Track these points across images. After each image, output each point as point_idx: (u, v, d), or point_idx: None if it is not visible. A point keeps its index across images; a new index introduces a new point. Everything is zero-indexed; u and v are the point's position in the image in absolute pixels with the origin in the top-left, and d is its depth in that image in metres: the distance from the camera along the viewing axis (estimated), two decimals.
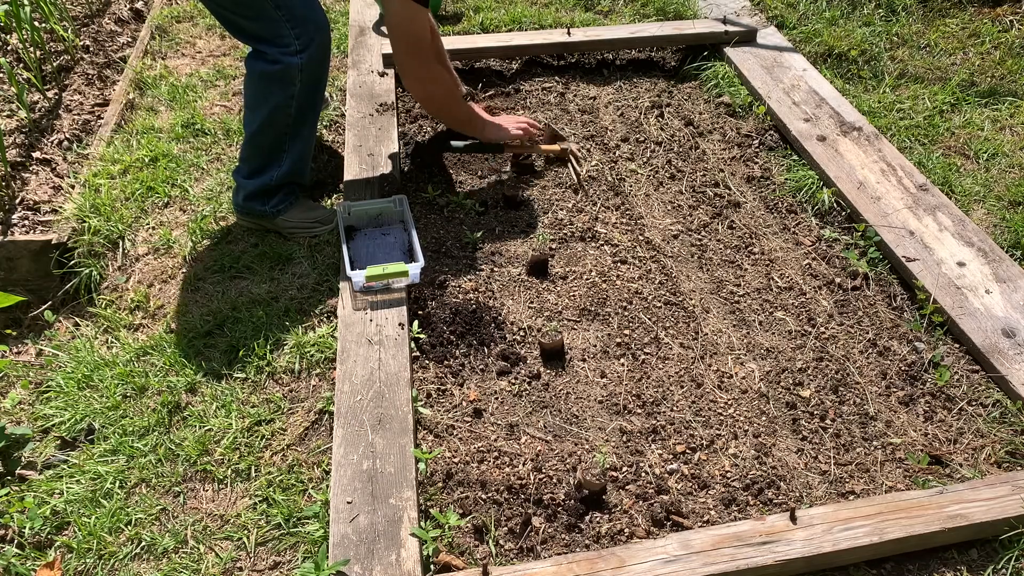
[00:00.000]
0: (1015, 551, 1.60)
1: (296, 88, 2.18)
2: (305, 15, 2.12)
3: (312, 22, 2.15)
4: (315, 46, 2.16)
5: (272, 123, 2.22)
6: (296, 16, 2.09)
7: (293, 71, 2.15)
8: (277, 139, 2.26)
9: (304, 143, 2.33)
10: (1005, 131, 2.94)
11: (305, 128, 2.30)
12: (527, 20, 3.59)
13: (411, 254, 2.23)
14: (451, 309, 2.14)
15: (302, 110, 2.24)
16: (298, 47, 2.13)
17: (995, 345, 1.99)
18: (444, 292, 2.21)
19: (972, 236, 2.32)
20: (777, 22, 3.58)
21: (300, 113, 2.24)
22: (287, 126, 2.24)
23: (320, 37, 2.17)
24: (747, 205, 2.60)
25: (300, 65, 2.14)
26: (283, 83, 2.16)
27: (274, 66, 2.14)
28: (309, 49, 2.15)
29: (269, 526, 1.70)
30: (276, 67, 2.14)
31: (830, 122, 2.83)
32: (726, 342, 2.11)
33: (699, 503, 1.73)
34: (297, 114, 2.23)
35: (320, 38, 2.18)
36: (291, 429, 1.90)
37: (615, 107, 3.08)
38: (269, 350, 2.08)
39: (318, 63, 2.21)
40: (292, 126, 2.25)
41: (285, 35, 2.11)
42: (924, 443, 1.85)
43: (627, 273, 2.33)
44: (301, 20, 2.11)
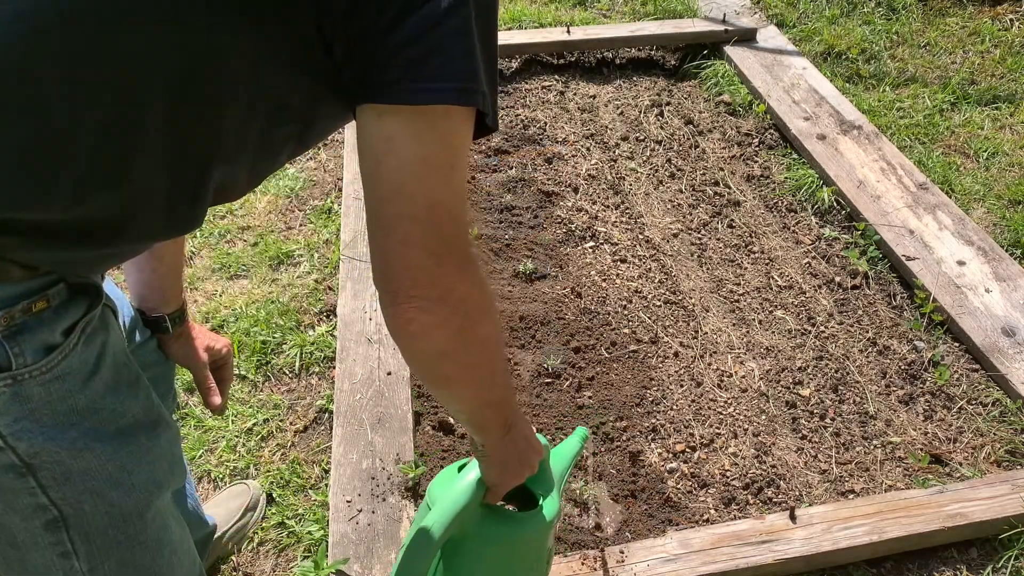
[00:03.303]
0: (1015, 550, 1.59)
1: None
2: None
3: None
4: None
5: None
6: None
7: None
8: None
9: None
10: (1005, 130, 2.94)
11: None
12: (527, 19, 3.58)
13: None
14: None
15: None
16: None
17: (995, 344, 1.99)
18: None
19: (972, 235, 2.32)
20: (777, 21, 3.58)
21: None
22: None
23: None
24: (747, 204, 2.60)
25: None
26: None
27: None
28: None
29: (269, 525, 1.70)
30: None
31: (830, 121, 2.83)
32: (726, 341, 2.11)
33: (699, 502, 1.73)
34: None
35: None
36: (290, 428, 1.90)
37: (615, 106, 3.08)
38: (268, 349, 2.07)
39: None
40: None
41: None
42: (924, 442, 1.85)
43: (627, 272, 2.32)
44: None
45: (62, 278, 0.76)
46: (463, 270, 0.76)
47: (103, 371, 0.79)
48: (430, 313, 0.74)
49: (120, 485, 0.81)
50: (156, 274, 1.12)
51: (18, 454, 0.74)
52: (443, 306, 0.74)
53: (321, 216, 2.56)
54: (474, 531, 1.05)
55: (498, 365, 0.88)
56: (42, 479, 0.76)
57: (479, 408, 0.90)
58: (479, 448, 0.96)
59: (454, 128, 0.72)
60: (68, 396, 0.76)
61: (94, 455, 0.78)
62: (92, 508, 0.80)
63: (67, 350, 0.76)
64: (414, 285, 0.73)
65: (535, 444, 1.03)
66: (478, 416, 0.91)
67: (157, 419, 0.87)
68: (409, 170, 0.70)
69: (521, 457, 1.00)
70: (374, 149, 0.71)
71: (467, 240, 0.77)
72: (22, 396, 0.73)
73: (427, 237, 0.72)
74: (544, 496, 1.12)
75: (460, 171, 0.73)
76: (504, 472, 0.99)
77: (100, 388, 0.79)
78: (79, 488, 0.78)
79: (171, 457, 0.89)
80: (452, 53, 0.69)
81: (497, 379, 0.89)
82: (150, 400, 0.87)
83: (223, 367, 1.25)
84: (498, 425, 0.94)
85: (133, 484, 0.83)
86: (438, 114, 0.70)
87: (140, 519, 0.85)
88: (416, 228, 0.71)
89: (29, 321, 0.73)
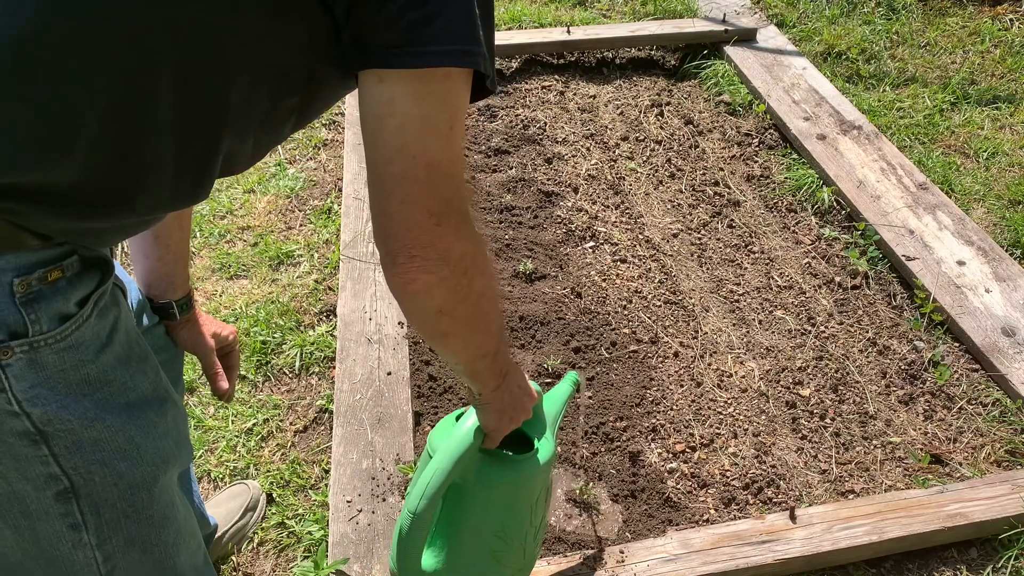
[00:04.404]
0: (1015, 550, 1.59)
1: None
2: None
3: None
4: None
5: None
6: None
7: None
8: None
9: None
10: (1005, 130, 2.94)
11: None
12: (527, 18, 3.58)
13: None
14: None
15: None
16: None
17: (995, 344, 1.99)
18: None
19: (972, 235, 2.32)
20: (777, 21, 3.58)
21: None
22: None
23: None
24: (747, 204, 2.60)
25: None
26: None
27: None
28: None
29: (269, 525, 1.70)
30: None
31: (830, 121, 2.83)
32: (726, 341, 2.11)
33: (699, 502, 1.73)
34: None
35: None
36: (290, 428, 1.90)
37: (615, 106, 3.08)
38: (268, 349, 2.07)
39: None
40: None
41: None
42: (924, 442, 1.85)
43: (627, 272, 2.32)
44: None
45: (75, 250, 0.77)
46: (462, 229, 0.78)
47: (115, 344, 0.81)
48: (430, 272, 0.76)
49: (128, 457, 0.83)
50: (162, 262, 1.14)
51: (32, 421, 0.76)
52: (443, 265, 0.76)
53: (321, 216, 2.56)
54: (474, 476, 1.10)
55: (494, 317, 0.90)
56: (55, 447, 0.77)
57: (476, 359, 0.93)
58: (476, 397, 1.00)
59: (454, 90, 0.73)
60: (81, 365, 0.78)
61: (104, 426, 0.80)
62: (101, 479, 0.81)
63: (80, 320, 0.77)
64: (415, 245, 0.75)
65: (529, 390, 1.08)
66: (475, 366, 0.94)
67: (164, 396, 0.89)
68: (410, 132, 0.72)
69: (516, 403, 1.05)
70: (376, 112, 0.72)
71: (465, 200, 0.79)
72: (38, 363, 0.75)
73: (427, 197, 0.74)
74: (539, 439, 1.18)
75: (458, 132, 0.75)
76: (501, 418, 1.04)
77: (111, 360, 0.81)
78: (89, 458, 0.80)
79: (177, 435, 0.91)
80: (453, 16, 0.70)
81: (493, 331, 0.91)
82: (158, 378, 0.88)
83: (230, 354, 1.28)
84: (494, 374, 0.97)
85: (141, 457, 0.84)
86: (439, 76, 0.71)
87: (147, 492, 0.86)
88: (417, 188, 0.73)
89: (45, 290, 0.75)
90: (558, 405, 1.29)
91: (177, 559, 0.94)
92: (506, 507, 1.16)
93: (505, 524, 1.16)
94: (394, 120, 0.72)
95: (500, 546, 1.17)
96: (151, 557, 0.90)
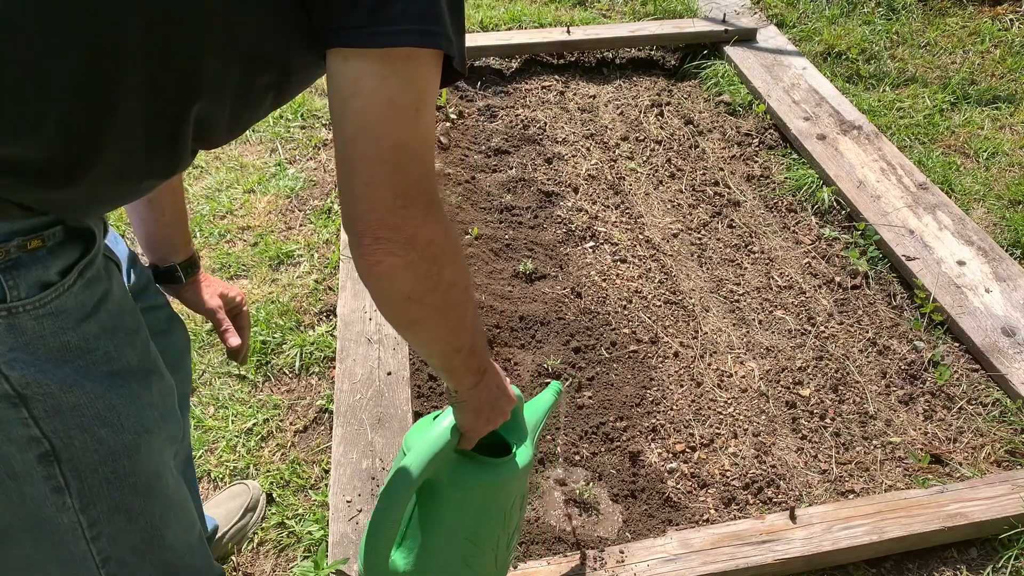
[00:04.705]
0: (1015, 550, 1.59)
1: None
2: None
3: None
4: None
5: None
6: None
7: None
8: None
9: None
10: (1005, 130, 2.94)
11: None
12: (527, 18, 3.59)
13: None
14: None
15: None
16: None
17: (995, 344, 1.99)
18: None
19: (972, 235, 2.32)
20: (777, 21, 3.58)
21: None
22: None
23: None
24: (747, 204, 2.60)
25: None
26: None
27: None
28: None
29: (269, 525, 1.70)
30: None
31: (830, 121, 2.83)
32: (726, 341, 2.11)
33: (699, 502, 1.73)
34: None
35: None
36: (290, 428, 1.90)
37: (615, 106, 3.08)
38: (268, 349, 2.07)
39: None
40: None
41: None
42: (924, 442, 1.85)
43: (627, 272, 2.32)
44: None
45: (60, 221, 0.79)
46: (428, 214, 0.77)
47: (101, 315, 0.83)
48: (396, 256, 0.75)
49: (109, 424, 0.83)
50: (160, 224, 1.16)
51: (11, 383, 0.77)
52: (410, 249, 0.76)
53: (321, 216, 2.56)
54: (448, 477, 1.08)
55: (467, 310, 0.88)
56: (34, 410, 0.79)
57: (450, 353, 0.91)
58: (453, 395, 0.99)
59: (419, 71, 0.73)
60: (61, 332, 0.79)
61: (83, 392, 0.81)
62: (82, 443, 0.82)
63: (62, 289, 0.79)
64: (380, 227, 0.74)
65: (507, 391, 1.06)
66: (450, 362, 0.93)
67: (151, 369, 0.90)
68: (374, 112, 0.72)
69: (494, 404, 1.03)
70: (341, 91, 0.73)
71: (433, 184, 0.78)
72: (16, 328, 0.76)
73: (393, 179, 0.74)
74: (517, 445, 1.16)
75: (426, 115, 0.74)
76: (478, 418, 1.02)
77: (95, 330, 0.82)
78: (69, 423, 0.81)
79: (163, 408, 0.91)
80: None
81: (466, 324, 0.89)
82: (147, 351, 0.90)
83: (239, 315, 1.29)
84: (470, 372, 0.96)
85: (122, 424, 0.85)
86: (402, 57, 0.71)
87: (128, 459, 0.86)
88: (381, 170, 0.73)
89: (24, 257, 0.76)
90: (539, 413, 1.26)
91: (166, 532, 0.94)
92: (480, 511, 1.14)
93: (478, 528, 1.14)
94: (358, 100, 0.72)
95: (472, 551, 1.14)
96: (137, 526, 0.90)
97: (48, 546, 0.86)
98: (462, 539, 1.13)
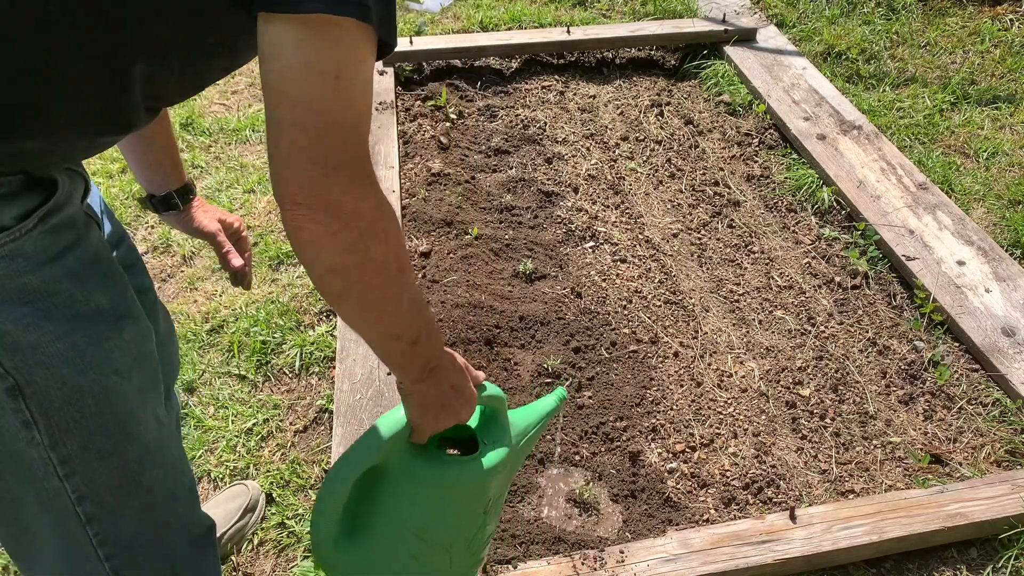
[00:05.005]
0: (1015, 550, 1.60)
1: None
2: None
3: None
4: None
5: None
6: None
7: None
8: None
9: None
10: (1005, 130, 2.94)
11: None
12: (527, 18, 3.59)
13: None
14: (451, 306, 2.14)
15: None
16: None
17: (995, 344, 1.99)
18: (444, 292, 2.21)
19: (972, 235, 2.32)
20: (777, 21, 3.58)
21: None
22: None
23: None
24: (747, 204, 2.60)
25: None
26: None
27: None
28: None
29: (269, 525, 1.70)
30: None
31: (830, 121, 2.83)
32: (726, 341, 2.11)
33: (699, 502, 1.73)
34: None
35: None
36: (290, 428, 1.90)
37: (615, 106, 3.08)
38: (268, 349, 2.07)
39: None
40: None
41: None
42: (924, 442, 1.85)
43: (627, 272, 2.32)
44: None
45: (24, 171, 0.81)
46: (354, 185, 0.76)
47: (67, 260, 0.85)
48: (318, 223, 0.75)
49: (70, 363, 0.85)
50: (151, 155, 1.20)
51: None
52: (332, 219, 0.75)
53: None
54: (401, 466, 1.05)
55: (403, 296, 0.86)
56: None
57: (388, 340, 0.90)
58: (400, 385, 0.98)
59: (341, 39, 0.73)
60: (17, 275, 0.81)
61: (42, 332, 0.83)
62: (44, 381, 0.84)
63: (18, 234, 0.81)
64: (299, 192, 0.75)
65: (465, 394, 1.02)
66: (386, 349, 0.92)
67: (123, 314, 0.91)
68: (292, 76, 0.73)
69: (444, 404, 1.00)
70: (264, 55, 0.74)
71: (359, 155, 0.77)
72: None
73: (312, 145, 0.74)
74: (491, 447, 1.11)
75: (349, 83, 0.74)
76: (423, 414, 1.00)
77: (59, 273, 0.84)
78: (29, 360, 0.83)
79: (136, 352, 0.92)
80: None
81: (403, 312, 0.87)
82: (122, 297, 0.92)
83: (240, 240, 1.33)
84: (414, 366, 0.94)
85: (86, 364, 0.86)
86: (321, 23, 0.72)
87: (94, 399, 0.87)
88: (301, 136, 0.73)
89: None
90: (534, 418, 1.20)
91: (143, 476, 0.95)
92: (430, 508, 1.10)
93: (427, 525, 1.10)
94: (277, 64, 0.73)
95: (420, 547, 1.11)
96: (110, 467, 0.91)
97: (24, 480, 0.88)
98: (410, 533, 1.10)
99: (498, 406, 1.13)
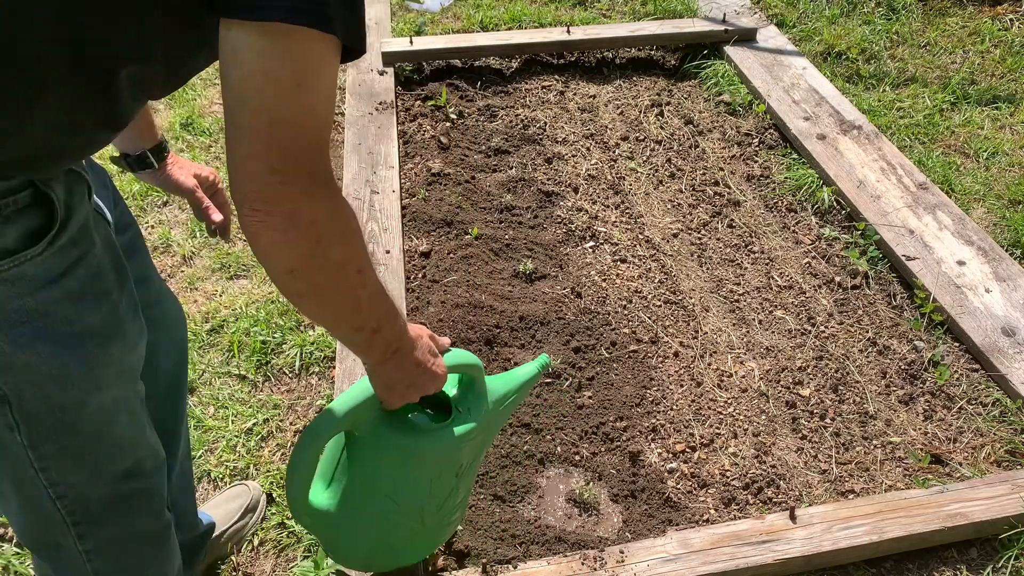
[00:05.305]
0: (1015, 550, 1.60)
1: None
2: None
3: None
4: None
5: None
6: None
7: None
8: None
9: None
10: (1005, 130, 2.94)
11: None
12: (527, 18, 3.58)
13: None
14: (451, 306, 2.14)
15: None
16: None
17: (995, 344, 1.99)
18: (444, 292, 2.21)
19: (972, 235, 2.32)
20: (777, 21, 3.58)
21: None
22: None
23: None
24: (747, 204, 2.60)
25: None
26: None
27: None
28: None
29: (269, 525, 1.70)
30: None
31: (830, 121, 2.83)
32: (726, 341, 2.11)
33: (699, 502, 1.73)
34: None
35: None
36: (290, 428, 1.90)
37: (615, 106, 3.08)
38: (268, 349, 2.07)
39: None
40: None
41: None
42: (924, 442, 1.85)
43: (627, 272, 2.32)
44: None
45: (28, 186, 0.81)
46: (312, 192, 0.76)
47: (68, 280, 0.86)
48: (276, 230, 0.75)
49: (58, 381, 0.89)
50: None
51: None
52: (290, 226, 0.76)
53: None
54: (371, 429, 1.11)
55: (362, 292, 0.87)
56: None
57: (349, 332, 0.93)
58: (364, 363, 1.00)
59: (299, 46, 0.72)
60: (17, 298, 0.83)
61: (35, 353, 0.86)
62: (31, 396, 0.88)
63: (23, 259, 0.82)
64: (257, 199, 0.74)
65: (430, 371, 1.04)
66: (347, 339, 0.95)
67: (111, 334, 0.93)
68: (251, 84, 0.72)
69: (411, 382, 1.03)
70: (225, 61, 0.74)
71: (320, 162, 0.77)
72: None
73: (269, 153, 0.73)
74: (464, 415, 1.15)
75: (310, 91, 0.74)
76: (390, 392, 1.03)
77: (58, 295, 0.86)
78: (20, 378, 0.87)
79: (119, 368, 0.96)
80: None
81: (363, 305, 0.89)
82: (115, 314, 0.93)
83: (217, 193, 1.34)
84: (376, 350, 0.96)
85: (72, 383, 0.90)
86: (280, 31, 0.71)
87: (75, 413, 0.93)
88: (258, 143, 0.73)
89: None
90: (513, 384, 1.23)
91: (114, 468, 1.01)
92: (399, 472, 1.15)
93: (397, 488, 1.15)
94: (237, 71, 0.73)
95: (392, 508, 1.16)
96: (83, 466, 0.98)
97: (2, 462, 0.95)
98: (382, 494, 1.15)
99: (475, 374, 1.17)
